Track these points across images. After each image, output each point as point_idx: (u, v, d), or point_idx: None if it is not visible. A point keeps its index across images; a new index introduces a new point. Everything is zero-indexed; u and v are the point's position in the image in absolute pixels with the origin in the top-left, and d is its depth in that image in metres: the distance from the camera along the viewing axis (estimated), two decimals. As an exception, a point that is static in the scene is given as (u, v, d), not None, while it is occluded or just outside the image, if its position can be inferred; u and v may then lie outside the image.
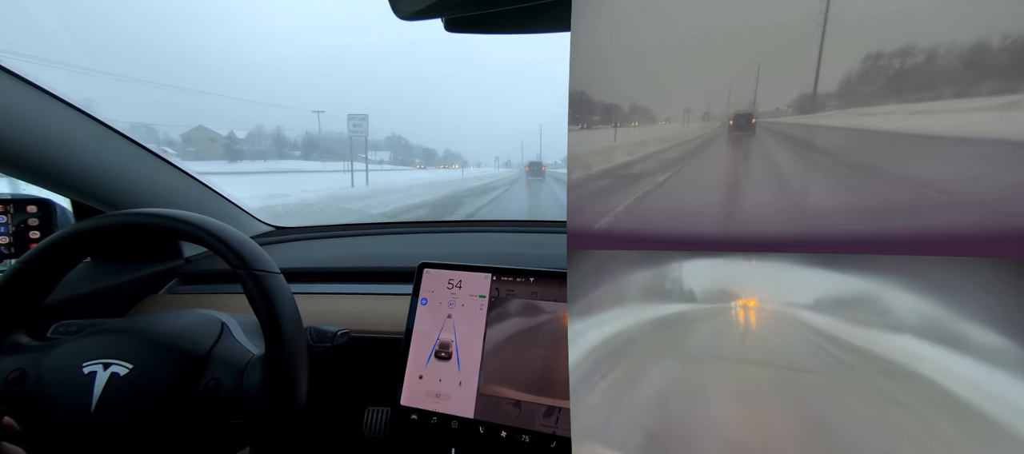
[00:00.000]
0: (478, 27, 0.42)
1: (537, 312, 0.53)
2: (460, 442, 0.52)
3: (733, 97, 0.29)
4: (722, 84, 0.29)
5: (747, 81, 0.28)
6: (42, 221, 0.73)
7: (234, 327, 0.48)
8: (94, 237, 0.44)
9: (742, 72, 0.28)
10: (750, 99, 0.28)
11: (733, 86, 0.29)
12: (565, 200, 0.34)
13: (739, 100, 0.28)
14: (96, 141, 0.66)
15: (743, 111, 0.28)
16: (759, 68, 0.28)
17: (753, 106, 0.28)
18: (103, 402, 0.39)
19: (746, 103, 0.28)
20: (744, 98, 0.28)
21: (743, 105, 0.28)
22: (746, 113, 0.28)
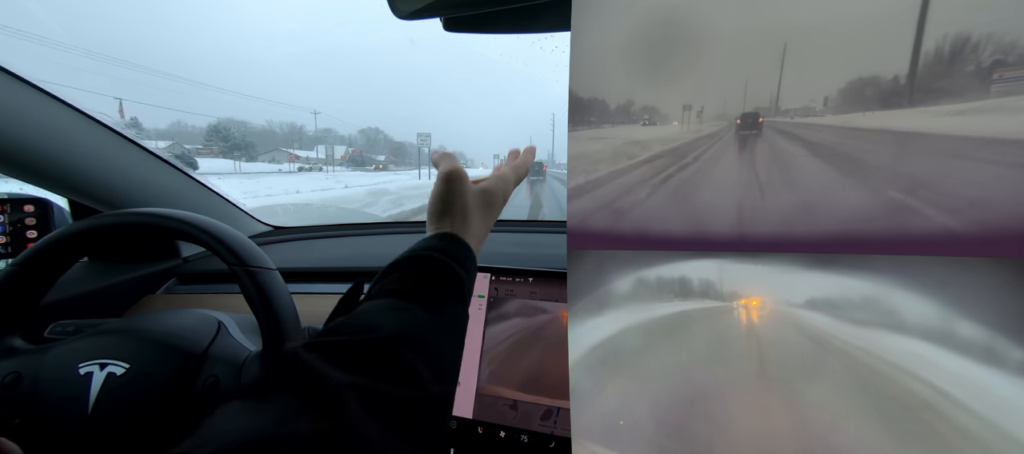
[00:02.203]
0: (477, 27, 0.42)
1: (536, 312, 0.53)
2: (459, 442, 0.51)
3: (736, 96, 0.28)
4: (726, 84, 0.29)
5: (751, 81, 0.28)
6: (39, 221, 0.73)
7: (231, 326, 0.48)
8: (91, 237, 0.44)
9: (746, 72, 0.28)
10: (754, 98, 0.28)
11: (737, 85, 0.28)
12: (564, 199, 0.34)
13: (741, 99, 0.28)
14: (93, 140, 0.66)
15: (750, 110, 0.28)
16: (761, 68, 0.28)
17: (757, 106, 0.28)
18: (100, 402, 0.38)
19: (751, 102, 0.28)
20: (749, 97, 0.28)
21: (748, 105, 0.28)
22: (752, 113, 0.28)
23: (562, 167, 34.51)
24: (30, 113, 0.58)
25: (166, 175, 0.78)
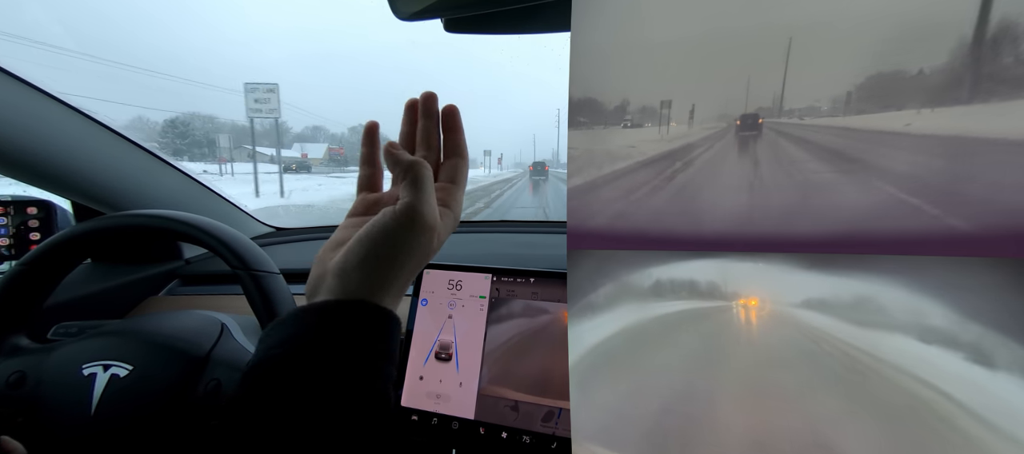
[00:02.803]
0: (477, 27, 0.42)
1: (537, 312, 0.53)
2: (460, 443, 0.52)
3: (737, 97, 0.28)
4: (726, 83, 0.29)
5: (751, 81, 0.28)
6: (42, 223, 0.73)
7: (234, 328, 0.48)
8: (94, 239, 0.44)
9: (746, 71, 0.28)
10: (755, 99, 0.28)
11: (737, 85, 0.28)
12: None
13: (743, 100, 0.28)
14: (96, 142, 0.66)
15: (750, 111, 0.28)
16: (763, 68, 0.28)
17: (759, 106, 0.28)
18: (103, 404, 0.39)
19: (752, 103, 0.28)
20: (749, 97, 0.28)
21: (749, 105, 0.28)
22: (752, 113, 0.28)
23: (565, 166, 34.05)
24: (33, 116, 0.58)
25: (168, 177, 0.78)
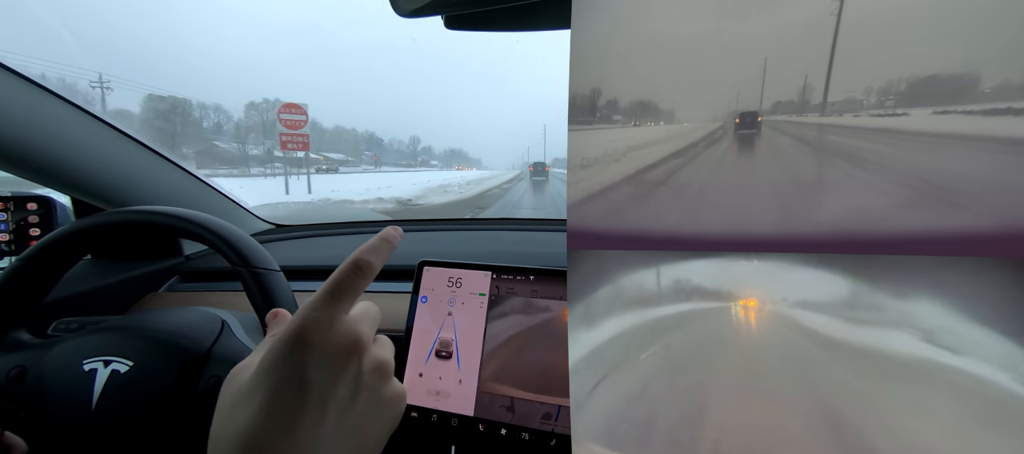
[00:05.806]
0: (478, 24, 0.42)
1: (537, 310, 0.53)
2: (460, 440, 0.52)
3: (737, 96, 0.28)
4: (726, 83, 0.29)
5: (751, 80, 0.28)
6: (42, 218, 0.74)
7: (234, 325, 0.48)
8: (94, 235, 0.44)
9: (746, 71, 0.28)
10: (755, 98, 0.28)
11: (737, 85, 0.28)
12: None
13: (743, 99, 0.28)
14: (96, 138, 0.66)
15: (749, 109, 0.28)
16: (764, 67, 0.28)
17: (759, 105, 0.28)
18: (104, 400, 0.39)
19: (751, 102, 0.28)
20: (749, 97, 0.28)
21: (748, 104, 0.28)
22: (752, 111, 0.28)
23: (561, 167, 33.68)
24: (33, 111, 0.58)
25: (168, 173, 0.78)
